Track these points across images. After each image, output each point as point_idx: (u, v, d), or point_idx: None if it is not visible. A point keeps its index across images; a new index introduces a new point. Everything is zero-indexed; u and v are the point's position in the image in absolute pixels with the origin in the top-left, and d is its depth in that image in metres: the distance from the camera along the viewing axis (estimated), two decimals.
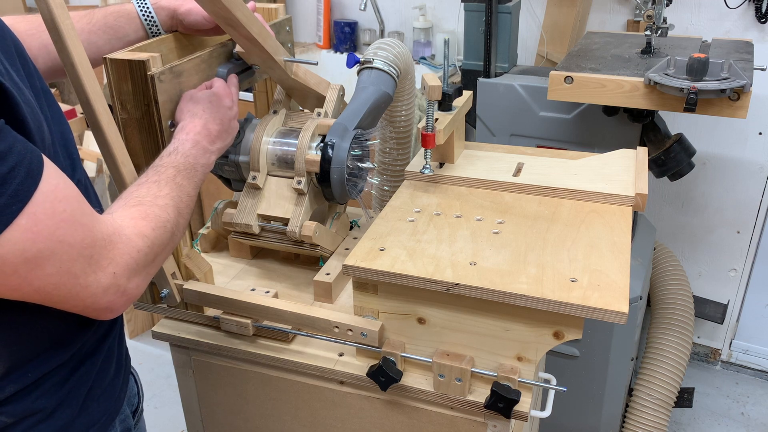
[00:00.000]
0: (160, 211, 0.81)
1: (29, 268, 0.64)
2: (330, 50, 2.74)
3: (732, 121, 2.14)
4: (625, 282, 0.92)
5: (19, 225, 0.62)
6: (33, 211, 0.63)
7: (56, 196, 0.65)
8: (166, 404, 2.32)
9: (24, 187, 0.62)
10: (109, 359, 0.88)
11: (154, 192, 0.83)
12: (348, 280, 1.20)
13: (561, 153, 1.33)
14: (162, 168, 0.89)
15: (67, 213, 0.66)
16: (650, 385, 2.00)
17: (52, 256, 0.65)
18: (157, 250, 0.79)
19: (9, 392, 0.76)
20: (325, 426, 1.16)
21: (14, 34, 0.77)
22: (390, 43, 1.21)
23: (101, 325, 0.86)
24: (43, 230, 0.64)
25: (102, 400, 0.86)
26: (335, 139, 1.10)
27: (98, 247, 0.69)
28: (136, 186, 0.85)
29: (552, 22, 2.28)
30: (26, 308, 0.74)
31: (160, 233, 0.79)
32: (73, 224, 0.66)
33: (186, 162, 0.92)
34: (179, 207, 0.85)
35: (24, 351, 0.76)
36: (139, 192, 0.83)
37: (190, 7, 1.08)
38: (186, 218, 0.88)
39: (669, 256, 2.24)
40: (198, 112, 0.99)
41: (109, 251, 0.71)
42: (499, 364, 1.00)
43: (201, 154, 0.95)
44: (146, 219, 0.78)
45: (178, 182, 0.88)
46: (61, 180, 0.67)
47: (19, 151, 0.63)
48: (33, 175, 0.63)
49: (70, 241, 0.66)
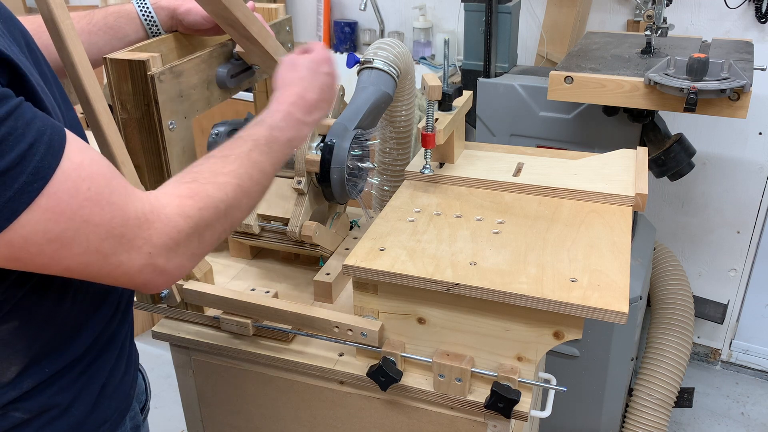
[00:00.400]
0: (214, 189, 0.77)
1: (54, 248, 0.63)
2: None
3: (732, 121, 2.14)
4: (625, 282, 0.92)
5: (39, 205, 0.60)
6: (54, 190, 0.61)
7: (80, 174, 0.63)
8: (166, 404, 2.32)
9: (45, 164, 0.61)
10: (121, 356, 0.88)
11: (216, 168, 0.80)
12: (348, 280, 1.20)
13: (561, 153, 1.33)
14: (239, 141, 0.85)
15: (93, 191, 0.64)
16: (650, 385, 2.00)
17: (77, 236, 0.63)
18: (204, 231, 0.75)
19: (27, 387, 0.76)
20: (325, 426, 1.16)
21: (22, 25, 0.78)
22: (390, 43, 1.21)
23: (113, 320, 0.86)
24: (65, 210, 0.62)
25: (114, 397, 0.86)
26: (335, 139, 1.10)
27: (131, 227, 0.67)
28: (203, 159, 0.81)
29: (552, 22, 2.28)
30: (45, 300, 0.74)
31: (208, 213, 0.75)
32: (100, 203, 0.65)
33: (270, 135, 0.87)
34: (244, 185, 0.80)
35: (41, 345, 0.76)
36: (201, 167, 0.80)
37: (190, 7, 1.08)
38: (255, 196, 0.83)
39: (669, 256, 2.24)
40: (295, 80, 0.95)
41: (144, 230, 0.68)
42: (499, 364, 1.00)
43: (292, 127, 0.90)
44: (193, 198, 0.74)
45: (253, 158, 0.83)
46: (87, 157, 0.65)
47: (39, 127, 0.61)
48: (54, 152, 0.62)
49: (97, 221, 0.64)
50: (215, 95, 1.12)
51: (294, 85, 0.94)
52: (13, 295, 0.72)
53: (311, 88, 0.95)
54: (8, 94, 0.61)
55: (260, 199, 0.86)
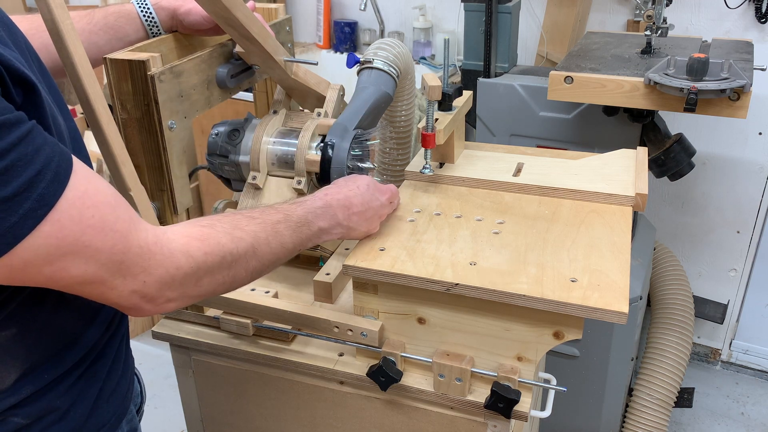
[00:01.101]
0: (227, 240, 0.77)
1: (53, 270, 0.64)
2: (330, 50, 2.74)
3: (732, 121, 2.13)
4: (625, 282, 0.92)
5: (42, 231, 0.61)
6: (58, 217, 0.62)
7: (84, 202, 0.64)
8: (166, 404, 2.32)
9: (50, 191, 0.61)
10: (118, 360, 0.88)
11: (238, 223, 0.80)
12: (348, 280, 1.20)
13: (561, 153, 1.33)
14: (271, 209, 0.86)
15: (96, 219, 0.65)
16: (650, 385, 2.00)
17: (77, 260, 0.64)
18: (203, 276, 0.75)
19: (26, 393, 0.76)
20: (325, 426, 1.16)
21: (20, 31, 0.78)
22: (390, 43, 1.21)
23: (111, 325, 0.86)
24: (68, 236, 0.63)
25: (111, 401, 0.86)
26: (335, 139, 1.10)
27: (132, 254, 0.68)
28: (230, 213, 0.82)
29: (552, 22, 2.28)
30: (42, 309, 0.75)
31: (212, 260, 0.75)
32: (103, 230, 0.65)
33: (303, 216, 0.88)
34: (258, 248, 0.81)
35: (40, 351, 0.77)
36: (223, 217, 0.80)
37: (190, 8, 1.08)
38: (265, 264, 0.84)
39: (669, 256, 2.24)
40: (350, 186, 0.98)
41: (143, 260, 0.69)
42: (499, 364, 1.00)
43: (326, 218, 0.92)
44: (202, 241, 0.75)
45: (278, 229, 0.84)
46: (92, 186, 0.66)
47: (48, 154, 0.62)
48: (60, 179, 0.62)
49: (98, 246, 0.65)
50: (215, 95, 1.12)
51: (346, 189, 0.97)
52: (10, 303, 0.72)
53: (360, 199, 0.97)
54: (22, 118, 0.61)
55: (269, 270, 0.87)
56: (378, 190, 1.02)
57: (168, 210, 1.06)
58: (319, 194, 0.94)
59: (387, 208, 1.04)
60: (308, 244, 0.91)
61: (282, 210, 0.87)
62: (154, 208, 1.04)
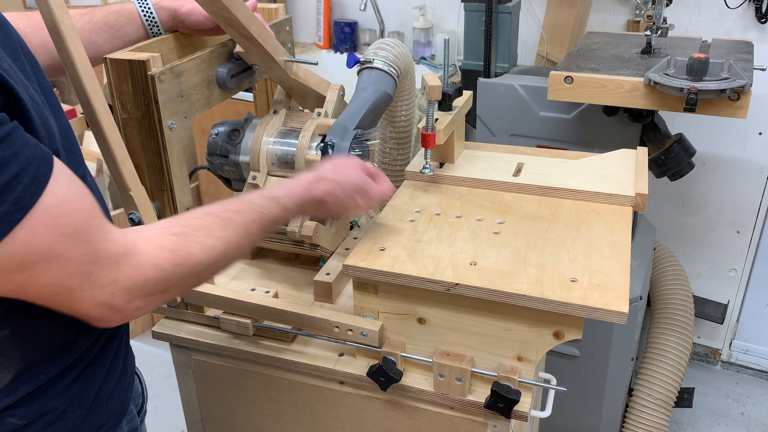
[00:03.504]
0: (197, 250, 0.76)
1: (23, 277, 0.63)
2: (330, 50, 2.74)
3: (732, 121, 2.13)
4: (625, 282, 0.92)
5: (16, 237, 0.60)
6: (33, 224, 0.61)
7: (61, 210, 0.63)
8: (166, 404, 2.32)
9: (27, 194, 0.60)
10: (117, 360, 0.88)
11: (211, 229, 0.79)
12: (348, 280, 1.20)
13: (561, 153, 1.33)
14: (249, 206, 0.85)
15: (71, 227, 0.64)
16: (650, 385, 2.00)
17: (47, 268, 0.64)
18: (171, 285, 0.75)
19: (21, 394, 0.76)
20: (325, 426, 1.16)
21: (15, 29, 0.77)
22: (390, 43, 1.21)
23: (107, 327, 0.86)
24: (41, 244, 0.62)
25: (110, 401, 0.86)
26: (335, 139, 1.10)
27: (100, 265, 0.67)
28: (204, 212, 0.81)
29: (552, 22, 2.28)
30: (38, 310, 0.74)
31: (181, 271, 0.74)
32: (75, 239, 0.65)
33: (277, 215, 0.88)
34: (229, 253, 0.81)
35: (36, 352, 0.76)
36: (197, 222, 0.79)
37: (191, 8, 1.08)
38: (233, 260, 0.84)
39: (669, 256, 2.24)
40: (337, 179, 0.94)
41: (112, 271, 0.68)
42: (499, 364, 1.00)
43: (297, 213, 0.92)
44: (173, 252, 0.74)
45: (251, 229, 0.83)
46: (71, 192, 0.65)
47: (27, 156, 0.61)
48: (38, 183, 0.62)
49: (69, 256, 0.64)
50: (215, 95, 1.12)
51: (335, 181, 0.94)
52: (2, 305, 0.71)
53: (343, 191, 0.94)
54: (3, 120, 0.60)
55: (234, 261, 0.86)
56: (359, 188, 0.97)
57: (168, 210, 1.06)
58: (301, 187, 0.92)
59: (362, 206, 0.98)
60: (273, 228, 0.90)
61: (259, 208, 0.85)
62: (154, 208, 1.04)
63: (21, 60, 0.73)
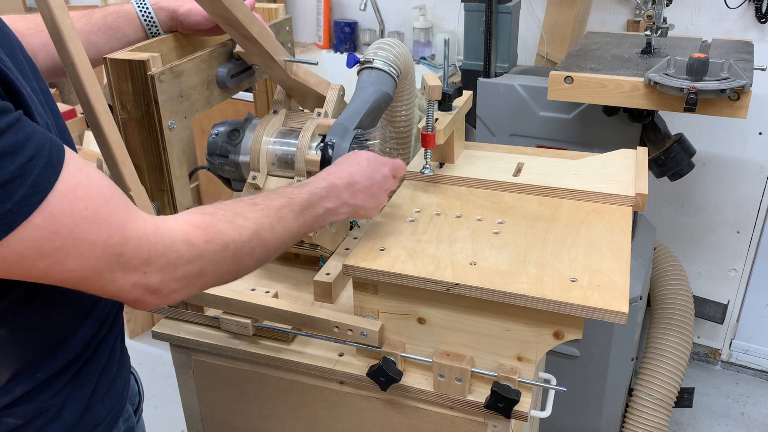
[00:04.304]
0: (228, 227, 0.76)
1: (48, 263, 0.63)
2: (330, 50, 2.74)
3: (732, 121, 2.13)
4: (625, 282, 0.92)
5: (34, 222, 0.60)
6: (49, 209, 0.61)
7: (76, 194, 0.63)
8: (166, 404, 2.32)
9: (43, 178, 0.60)
10: (112, 359, 0.88)
11: (240, 210, 0.79)
12: (348, 280, 1.20)
13: (561, 153, 1.33)
14: (274, 194, 0.85)
15: (89, 210, 0.64)
16: (650, 385, 2.00)
17: (72, 253, 0.63)
18: (205, 265, 0.74)
19: (18, 393, 0.76)
20: (325, 426, 1.16)
21: (12, 32, 0.77)
22: (390, 43, 1.21)
23: (105, 324, 0.86)
24: (60, 229, 0.62)
25: (106, 399, 0.86)
26: (335, 139, 1.10)
27: (130, 245, 0.67)
28: (233, 200, 0.80)
29: (552, 22, 2.28)
30: (32, 308, 0.74)
31: (213, 248, 0.74)
32: (97, 222, 0.64)
33: (307, 200, 0.87)
34: (262, 234, 0.79)
35: (32, 351, 0.76)
36: (226, 205, 0.79)
37: (190, 8, 1.08)
38: (271, 250, 0.82)
39: (669, 256, 2.24)
40: (351, 163, 0.96)
41: (143, 251, 0.68)
42: (499, 364, 1.00)
43: (331, 198, 0.90)
44: (203, 229, 0.74)
45: (282, 213, 0.83)
46: (84, 176, 0.65)
47: (39, 141, 0.61)
48: (53, 166, 0.61)
49: (93, 239, 0.64)
50: (215, 95, 1.12)
51: (347, 167, 0.95)
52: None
53: (363, 175, 0.95)
54: (8, 107, 0.60)
55: (276, 255, 0.85)
56: (379, 162, 0.99)
57: (168, 210, 1.06)
58: (322, 175, 0.93)
59: (391, 181, 1.01)
60: (315, 226, 0.89)
61: (286, 194, 0.86)
62: (154, 208, 1.04)
63: (20, 61, 0.73)
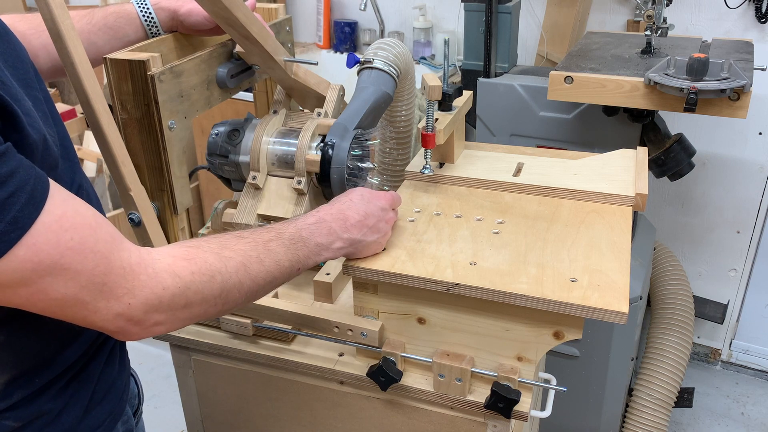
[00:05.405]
0: (215, 260, 0.75)
1: (31, 292, 0.63)
2: (330, 50, 2.74)
3: (732, 121, 2.14)
4: (625, 282, 0.92)
5: (17, 255, 0.60)
6: (33, 241, 0.60)
7: (61, 225, 0.63)
8: (166, 404, 2.32)
9: (24, 214, 0.60)
10: (112, 362, 0.88)
11: (226, 243, 0.78)
12: (348, 280, 1.20)
13: (561, 153, 1.33)
14: (262, 229, 0.84)
15: (75, 241, 0.63)
16: (650, 385, 2.00)
17: (55, 282, 0.63)
18: (192, 296, 0.73)
19: (16, 398, 0.75)
20: (325, 426, 1.16)
21: (16, 38, 0.77)
22: (390, 43, 1.21)
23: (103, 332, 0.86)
24: (44, 259, 0.61)
25: (105, 402, 0.86)
26: (335, 139, 1.10)
27: (114, 275, 0.66)
28: (217, 234, 0.80)
29: (552, 22, 2.28)
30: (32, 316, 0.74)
31: (200, 279, 0.73)
32: (83, 252, 0.64)
33: (296, 234, 0.86)
34: (250, 267, 0.78)
35: (31, 358, 0.76)
36: (211, 238, 0.78)
37: (191, 8, 1.08)
38: (260, 284, 0.81)
39: (669, 256, 2.24)
40: (343, 200, 0.96)
41: (128, 281, 0.67)
42: (499, 364, 1.00)
43: (321, 233, 0.89)
44: (189, 261, 0.73)
45: (270, 246, 0.82)
46: (70, 208, 0.65)
47: (22, 176, 0.60)
48: (35, 202, 0.61)
49: (78, 269, 0.64)
50: (215, 95, 1.12)
51: (339, 203, 0.95)
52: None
53: (354, 209, 0.94)
54: None
55: (267, 291, 0.84)
56: (374, 196, 0.98)
57: (168, 210, 1.06)
58: (311, 212, 0.93)
59: (390, 213, 1.00)
60: (308, 263, 0.88)
61: (273, 228, 0.85)
62: (154, 208, 1.04)
63: (23, 69, 0.73)
